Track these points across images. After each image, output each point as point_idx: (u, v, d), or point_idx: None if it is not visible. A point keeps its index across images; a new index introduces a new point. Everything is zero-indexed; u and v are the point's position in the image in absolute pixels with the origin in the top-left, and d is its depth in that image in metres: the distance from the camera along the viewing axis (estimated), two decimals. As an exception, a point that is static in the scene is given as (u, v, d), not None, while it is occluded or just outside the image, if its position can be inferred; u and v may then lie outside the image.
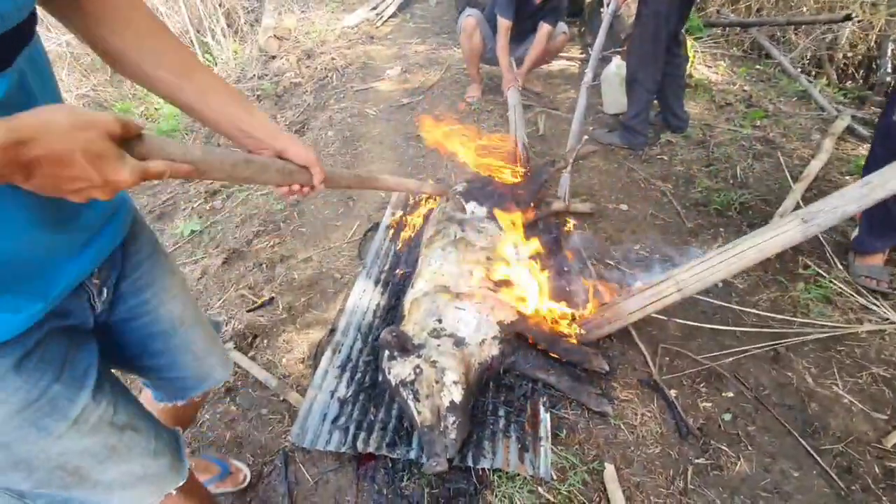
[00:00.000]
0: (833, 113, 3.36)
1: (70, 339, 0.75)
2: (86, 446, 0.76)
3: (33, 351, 0.68)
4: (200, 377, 1.04)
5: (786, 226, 1.56)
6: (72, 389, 0.73)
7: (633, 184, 2.75)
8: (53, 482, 0.75)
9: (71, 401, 0.73)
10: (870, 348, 1.78)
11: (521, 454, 1.48)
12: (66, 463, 0.75)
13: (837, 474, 1.44)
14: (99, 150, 0.52)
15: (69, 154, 0.50)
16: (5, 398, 0.66)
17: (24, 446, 0.70)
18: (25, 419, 0.68)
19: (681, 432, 1.56)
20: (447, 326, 1.64)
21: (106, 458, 0.79)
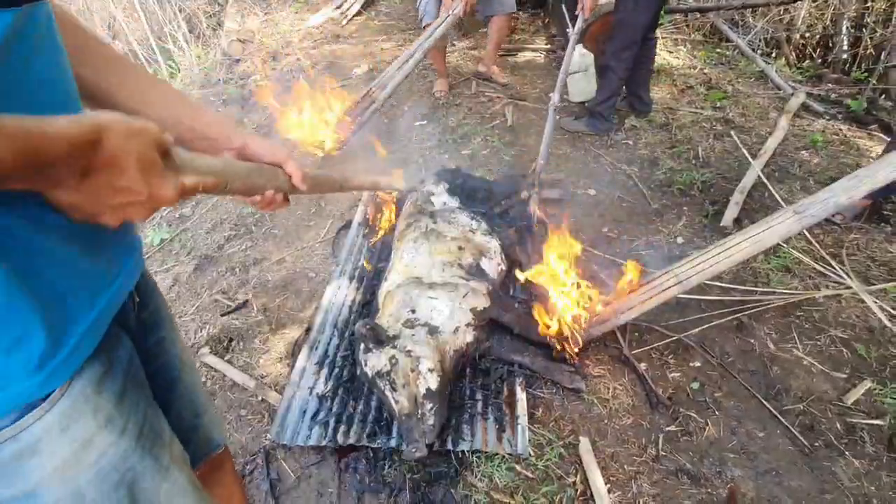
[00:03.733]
0: (789, 91, 3.47)
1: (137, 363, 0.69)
2: (183, 484, 0.69)
3: (128, 368, 0.63)
4: (201, 441, 0.92)
5: (780, 218, 1.63)
6: (158, 415, 0.68)
7: (600, 169, 2.81)
8: None
9: (162, 427, 0.68)
10: (827, 312, 1.86)
11: (499, 434, 1.51)
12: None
13: (800, 433, 1.51)
14: (151, 160, 0.47)
15: (126, 159, 0.45)
16: (124, 425, 0.59)
17: (145, 484, 0.63)
18: (144, 448, 0.62)
19: (651, 403, 1.61)
20: (421, 316, 1.66)
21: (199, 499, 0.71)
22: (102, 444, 0.57)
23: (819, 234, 2.23)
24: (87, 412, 0.55)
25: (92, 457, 0.56)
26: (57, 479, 0.54)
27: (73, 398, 0.54)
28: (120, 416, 0.59)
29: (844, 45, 5.29)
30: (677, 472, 1.45)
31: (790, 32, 5.48)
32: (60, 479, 0.54)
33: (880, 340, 1.75)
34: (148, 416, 0.64)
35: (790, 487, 1.40)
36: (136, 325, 0.72)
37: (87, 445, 0.55)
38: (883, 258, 2.09)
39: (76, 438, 0.54)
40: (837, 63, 5.27)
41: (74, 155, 0.41)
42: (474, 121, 3.36)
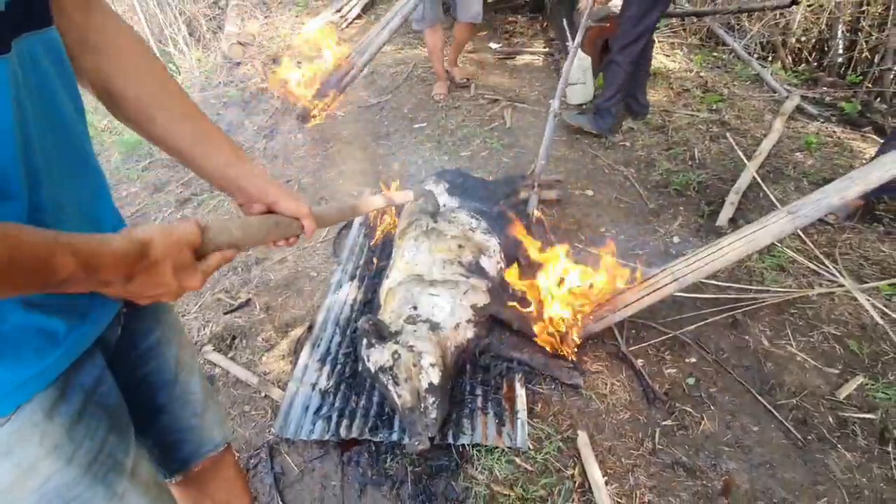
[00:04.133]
0: (784, 94, 3.52)
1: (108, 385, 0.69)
2: None
3: (91, 393, 0.64)
4: (198, 442, 0.93)
5: (774, 218, 1.66)
6: (123, 440, 0.68)
7: (598, 170, 2.85)
8: None
9: (125, 453, 0.68)
10: (821, 310, 1.90)
11: (499, 429, 1.54)
12: None
13: (794, 426, 1.54)
14: (184, 263, 0.58)
15: (164, 265, 0.55)
16: (72, 453, 0.60)
17: None
18: (95, 476, 0.62)
19: (648, 398, 1.64)
20: (422, 312, 1.69)
21: None
22: (47, 470, 0.57)
23: (813, 233, 2.27)
24: (32, 438, 0.56)
25: (35, 482, 0.57)
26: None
27: (20, 423, 0.55)
28: (69, 443, 0.59)
29: (840, 49, 5.34)
30: (673, 465, 1.48)
31: (786, 37, 5.54)
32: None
33: (872, 337, 1.79)
34: (107, 443, 0.64)
35: (784, 479, 1.43)
36: (122, 335, 0.74)
37: (30, 471, 0.56)
38: (875, 257, 2.12)
39: (19, 464, 0.55)
40: (833, 67, 5.32)
41: (121, 267, 0.51)
42: (473, 123, 3.40)
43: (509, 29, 5.08)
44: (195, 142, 0.73)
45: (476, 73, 4.13)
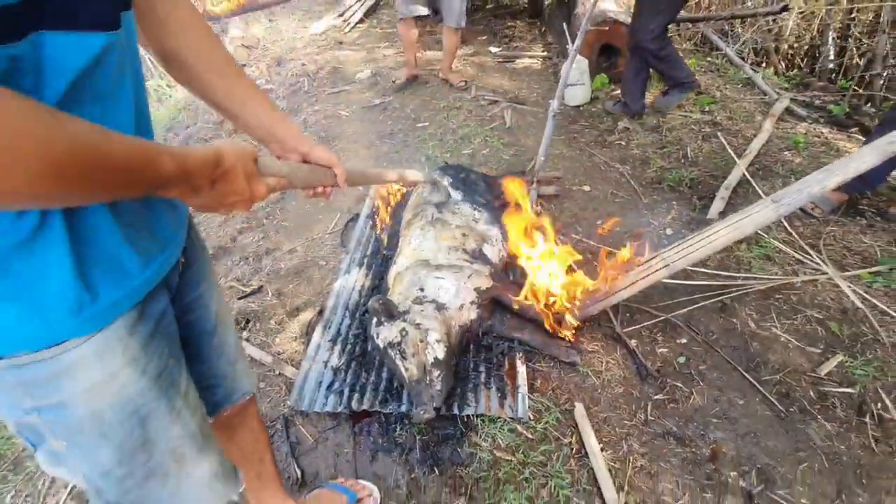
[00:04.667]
0: (774, 97, 3.65)
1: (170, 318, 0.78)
2: (193, 430, 0.78)
3: (160, 321, 0.73)
4: (230, 388, 1.03)
5: (759, 207, 1.77)
6: (179, 365, 0.77)
7: (594, 167, 2.96)
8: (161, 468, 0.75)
9: (181, 376, 0.76)
10: (804, 295, 2.01)
11: (501, 401, 1.64)
12: (177, 447, 0.75)
13: (777, 400, 1.65)
14: (251, 170, 0.68)
15: (236, 172, 0.65)
16: (145, 366, 0.69)
17: (156, 421, 0.72)
18: (161, 389, 0.71)
19: (641, 375, 1.74)
20: (429, 294, 1.79)
21: (203, 447, 0.80)
22: (125, 378, 0.67)
23: (799, 226, 2.38)
24: (117, 350, 0.65)
25: (115, 387, 0.66)
26: (84, 399, 0.64)
27: (109, 335, 0.64)
28: (144, 357, 0.69)
29: (831, 55, 5.49)
30: (664, 434, 1.58)
31: (779, 42, 5.69)
32: (86, 399, 0.64)
33: (853, 320, 1.90)
34: (168, 365, 0.73)
35: (767, 447, 1.53)
36: (179, 283, 0.84)
37: (113, 377, 0.65)
38: (857, 248, 2.24)
39: (104, 369, 0.64)
40: (824, 72, 5.47)
41: (205, 170, 0.61)
42: (474, 123, 3.52)
43: (508, 33, 5.22)
44: (243, 99, 0.85)
45: (476, 76, 4.26)
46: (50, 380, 0.61)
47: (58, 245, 0.57)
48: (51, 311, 0.59)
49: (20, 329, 0.58)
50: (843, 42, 5.45)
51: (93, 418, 0.65)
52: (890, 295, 2.00)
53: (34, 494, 1.66)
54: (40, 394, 0.62)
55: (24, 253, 0.55)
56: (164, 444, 0.73)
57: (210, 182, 0.62)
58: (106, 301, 0.63)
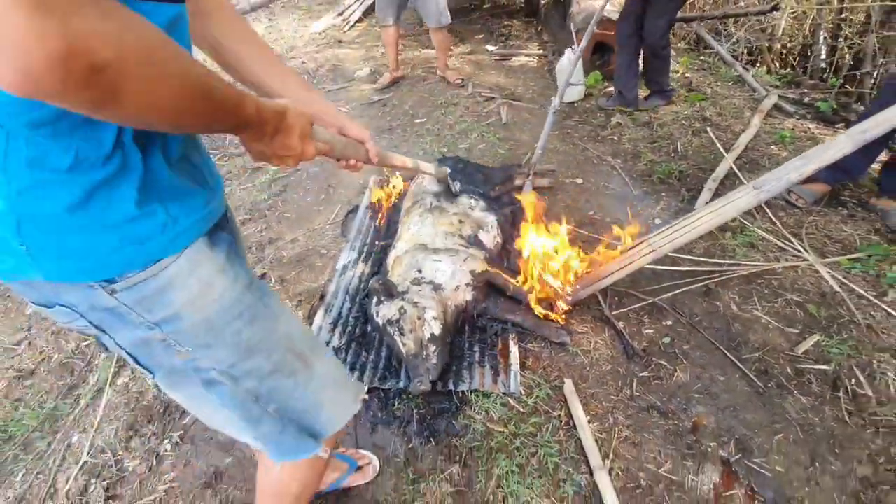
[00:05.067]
0: (763, 94, 3.74)
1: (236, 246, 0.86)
2: (300, 331, 0.89)
3: (230, 248, 0.80)
4: None
5: (741, 193, 1.86)
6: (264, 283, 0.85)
7: (587, 161, 3.05)
8: (287, 365, 0.85)
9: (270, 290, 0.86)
10: (785, 280, 2.10)
11: (494, 377, 1.73)
12: (293, 345, 0.86)
13: (756, 376, 1.74)
14: (306, 131, 0.76)
15: (295, 128, 0.73)
16: (234, 276, 0.78)
17: (262, 322, 0.81)
18: (255, 295, 0.81)
19: (628, 354, 1.83)
20: (426, 275, 1.88)
21: (315, 346, 0.90)
22: (220, 285, 0.76)
23: (783, 216, 2.48)
24: (204, 261, 0.74)
25: (214, 293, 0.75)
26: (191, 307, 0.73)
27: (196, 250, 0.73)
28: (230, 268, 0.78)
29: (822, 54, 5.59)
30: (649, 408, 1.67)
31: (771, 42, 5.80)
32: (193, 307, 0.73)
33: (830, 303, 1.99)
34: (254, 279, 0.83)
35: (745, 420, 1.62)
36: None
37: (210, 285, 0.75)
38: (838, 236, 2.33)
39: (201, 278, 0.74)
40: (816, 71, 5.57)
41: (274, 119, 0.69)
42: (471, 118, 3.61)
43: (505, 32, 5.31)
44: (281, 82, 0.94)
45: (473, 73, 4.35)
46: (159, 294, 0.71)
47: (136, 181, 0.65)
48: (144, 234, 0.67)
49: (123, 253, 0.66)
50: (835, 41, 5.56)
51: (204, 324, 0.75)
52: (867, 280, 2.09)
53: (45, 472, 1.73)
54: (157, 307, 0.71)
55: (115, 188, 0.64)
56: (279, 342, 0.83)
57: (274, 131, 0.70)
58: (184, 223, 0.71)
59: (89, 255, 0.65)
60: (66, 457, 1.77)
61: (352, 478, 1.48)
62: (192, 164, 0.78)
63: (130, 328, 0.73)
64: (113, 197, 0.64)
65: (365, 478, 1.50)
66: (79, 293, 0.68)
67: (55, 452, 1.78)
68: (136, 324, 0.72)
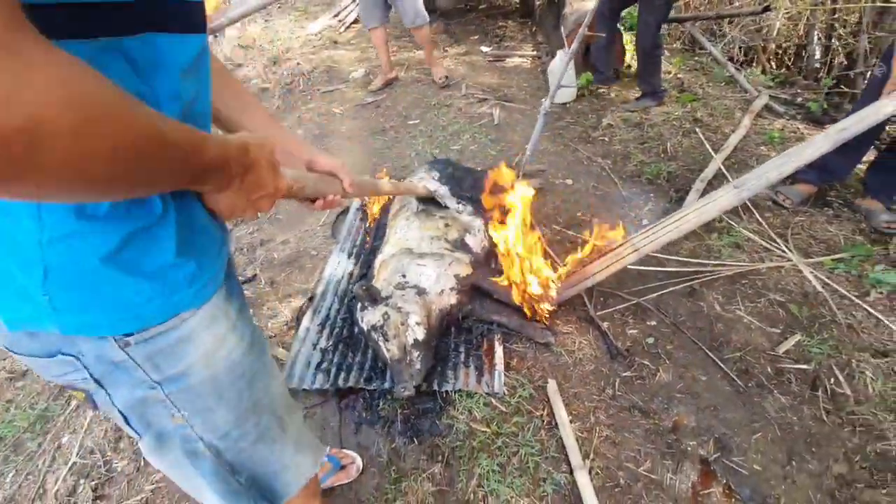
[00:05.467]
0: (755, 94, 3.76)
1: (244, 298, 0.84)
2: (283, 391, 0.86)
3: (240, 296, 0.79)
4: None
5: (722, 193, 1.89)
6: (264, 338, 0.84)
7: (578, 162, 3.07)
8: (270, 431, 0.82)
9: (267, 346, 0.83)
10: (769, 280, 2.12)
11: (478, 378, 1.75)
12: (276, 408, 0.83)
13: (737, 376, 1.76)
14: (273, 162, 0.68)
15: (261, 161, 0.65)
16: (241, 332, 0.75)
17: (259, 382, 0.78)
18: (257, 353, 0.79)
19: (611, 354, 1.85)
20: (410, 280, 1.90)
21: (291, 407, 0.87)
22: (231, 342, 0.73)
23: (769, 216, 2.50)
24: (221, 316, 0.72)
25: (225, 351, 0.73)
26: (202, 364, 0.70)
27: (213, 305, 0.70)
28: (240, 325, 0.76)
29: (816, 54, 5.60)
30: (630, 408, 1.69)
31: (766, 42, 5.81)
32: (204, 364, 0.70)
33: (813, 303, 2.01)
34: (257, 334, 0.81)
35: (725, 419, 1.64)
36: None
37: (223, 341, 0.72)
38: (823, 237, 2.35)
39: (216, 334, 0.71)
40: (810, 71, 5.58)
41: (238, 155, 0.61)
42: (464, 120, 3.63)
43: (500, 33, 5.33)
44: (243, 112, 0.88)
45: (466, 74, 4.37)
46: (174, 348, 0.67)
47: (173, 226, 0.62)
48: (175, 285, 0.64)
49: (151, 304, 0.63)
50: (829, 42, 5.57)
51: (210, 382, 0.72)
52: (850, 280, 2.11)
53: (35, 472, 1.75)
54: (167, 364, 0.68)
55: (153, 236, 0.60)
56: (268, 405, 0.81)
57: (242, 170, 0.62)
58: (209, 274, 0.69)
59: (116, 308, 0.61)
60: (56, 457, 1.80)
61: (335, 477, 1.50)
62: None
63: (131, 386, 0.69)
64: (151, 244, 0.61)
65: (348, 477, 1.52)
66: (90, 344, 0.64)
67: (45, 453, 1.81)
68: (138, 381, 0.68)
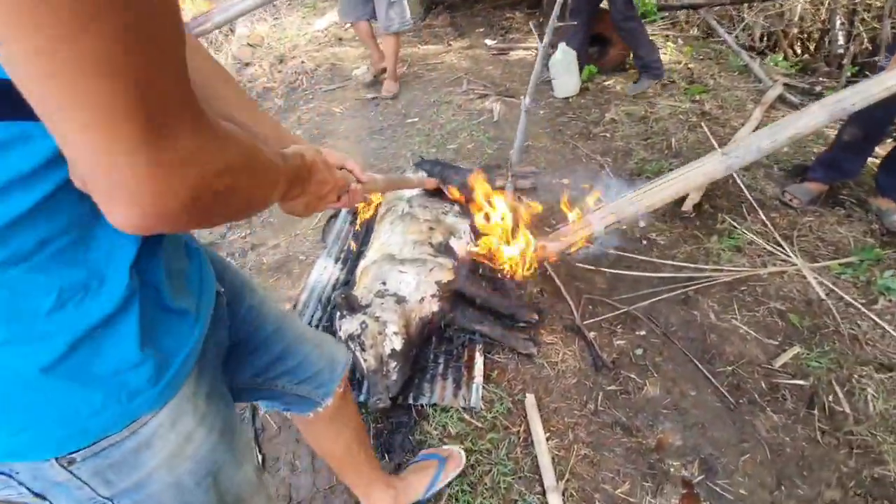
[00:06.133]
0: (769, 84, 3.58)
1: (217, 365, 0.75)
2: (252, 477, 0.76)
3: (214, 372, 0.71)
4: (330, 365, 1.03)
5: (709, 159, 1.80)
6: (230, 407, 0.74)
7: (576, 160, 2.97)
8: None
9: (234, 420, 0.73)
10: (770, 287, 2.01)
11: (456, 391, 1.70)
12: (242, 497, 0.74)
13: (728, 391, 1.67)
14: (326, 161, 0.74)
15: (317, 164, 0.71)
16: (213, 419, 0.66)
17: (224, 474, 0.69)
18: (227, 442, 0.69)
19: (596, 366, 1.78)
20: (390, 287, 1.86)
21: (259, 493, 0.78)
22: (198, 438, 0.64)
23: (776, 216, 2.37)
24: (188, 411, 0.62)
25: (190, 450, 0.63)
26: (164, 468, 0.61)
27: (180, 398, 0.61)
28: (210, 413, 0.66)
29: (840, 39, 5.33)
30: (613, 424, 1.62)
31: (787, 27, 5.55)
32: (167, 468, 0.61)
33: (816, 312, 1.89)
34: (227, 412, 0.71)
35: (713, 437, 1.56)
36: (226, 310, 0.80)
37: (188, 439, 0.63)
38: (832, 239, 2.22)
39: (180, 433, 0.62)
40: (833, 57, 5.32)
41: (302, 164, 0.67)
42: (463, 117, 3.55)
43: (506, 25, 5.21)
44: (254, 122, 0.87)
45: (469, 69, 4.27)
46: (129, 458, 0.58)
47: (136, 312, 0.54)
48: (135, 386, 0.55)
49: (104, 413, 0.53)
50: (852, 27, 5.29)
51: (173, 488, 0.63)
52: (858, 286, 1.98)
53: None
54: (119, 477, 0.58)
55: (110, 331, 0.52)
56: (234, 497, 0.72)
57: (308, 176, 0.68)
58: (176, 365, 0.59)
59: (59, 425, 0.51)
60: None
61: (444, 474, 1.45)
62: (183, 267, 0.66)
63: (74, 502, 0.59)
64: (106, 342, 0.52)
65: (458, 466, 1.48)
66: (25, 465, 0.54)
67: None
68: (83, 499, 0.58)
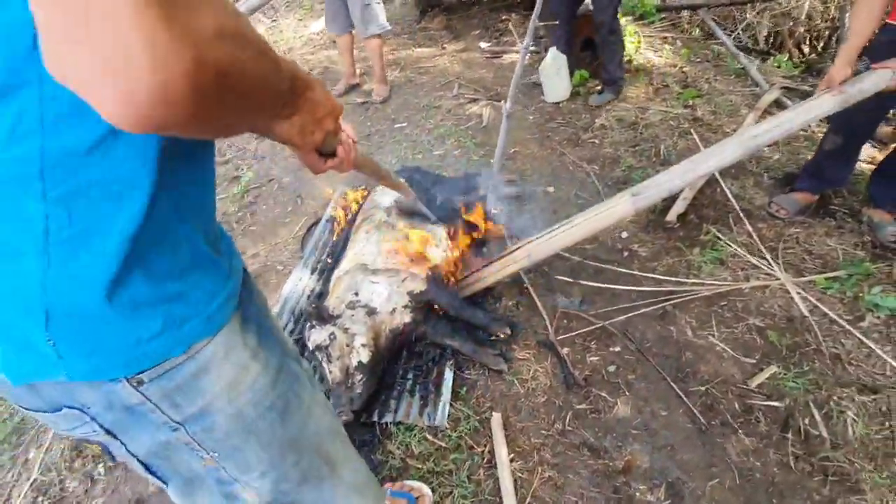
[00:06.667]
0: (766, 88, 3.50)
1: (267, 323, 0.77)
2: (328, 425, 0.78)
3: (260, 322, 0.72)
4: None
5: (618, 201, 1.77)
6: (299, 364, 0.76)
7: (563, 167, 2.92)
8: (315, 472, 0.76)
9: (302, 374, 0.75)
10: (751, 302, 1.95)
11: (422, 409, 1.67)
12: (322, 446, 0.77)
13: (700, 412, 1.62)
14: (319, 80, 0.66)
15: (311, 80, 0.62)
16: (266, 358, 0.69)
17: (294, 416, 0.72)
18: (287, 382, 0.72)
19: (567, 384, 1.74)
20: (362, 298, 1.83)
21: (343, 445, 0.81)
22: (254, 371, 0.67)
23: (762, 227, 2.31)
24: (238, 344, 0.66)
25: (248, 381, 0.67)
26: (224, 398, 0.64)
27: (229, 332, 0.65)
28: (262, 352, 0.69)
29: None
30: (580, 445, 1.58)
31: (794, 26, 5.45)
32: (227, 398, 0.65)
33: (797, 329, 1.84)
34: (286, 361, 0.73)
35: (681, 460, 1.52)
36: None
37: (245, 370, 0.66)
38: (819, 251, 2.16)
39: (235, 363, 0.65)
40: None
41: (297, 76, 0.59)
42: (451, 122, 3.51)
43: (501, 27, 5.15)
44: None
45: (461, 73, 4.23)
46: (192, 381, 0.62)
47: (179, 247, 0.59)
48: (185, 313, 0.60)
49: (164, 338, 0.59)
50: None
51: (236, 418, 0.67)
52: (844, 302, 1.93)
53: (3, 486, 1.78)
54: (185, 401, 0.63)
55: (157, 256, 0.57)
56: (310, 444, 0.75)
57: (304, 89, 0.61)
58: (218, 300, 0.64)
59: (125, 347, 0.57)
60: (22, 472, 1.82)
61: None
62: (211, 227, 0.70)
63: (150, 431, 0.64)
64: (155, 269, 0.57)
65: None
66: (98, 391, 0.59)
67: (16, 466, 1.83)
68: (157, 424, 0.63)
